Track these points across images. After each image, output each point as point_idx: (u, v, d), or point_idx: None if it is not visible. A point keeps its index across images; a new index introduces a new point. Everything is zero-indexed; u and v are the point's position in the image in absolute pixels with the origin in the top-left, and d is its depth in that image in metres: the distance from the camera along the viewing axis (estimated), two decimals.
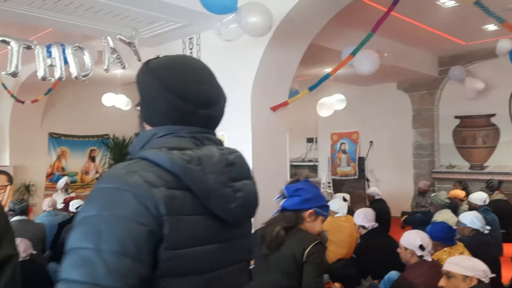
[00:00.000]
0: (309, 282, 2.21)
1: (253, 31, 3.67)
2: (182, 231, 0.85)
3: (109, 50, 4.13)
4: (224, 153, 0.99)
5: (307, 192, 2.32)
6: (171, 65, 1.03)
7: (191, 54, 5.13)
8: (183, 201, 0.86)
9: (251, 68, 4.51)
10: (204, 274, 0.90)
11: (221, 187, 0.92)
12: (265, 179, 4.61)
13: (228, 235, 0.97)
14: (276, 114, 4.81)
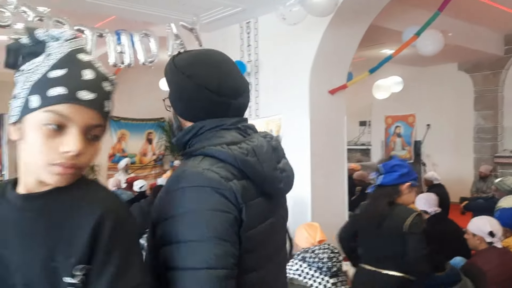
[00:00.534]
0: (412, 254, 2.40)
1: (318, 11, 3.64)
2: (252, 215, 0.99)
3: (173, 37, 4.27)
4: (268, 140, 1.09)
5: (402, 168, 2.55)
6: (198, 62, 1.08)
7: (248, 38, 5.19)
8: (248, 189, 0.99)
9: (310, 50, 4.49)
10: (265, 247, 1.05)
11: (272, 171, 1.05)
12: (323, 163, 4.66)
13: (274, 208, 1.12)
14: (334, 97, 4.78)
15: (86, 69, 0.81)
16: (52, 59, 0.79)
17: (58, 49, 0.80)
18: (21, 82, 0.81)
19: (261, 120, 5.05)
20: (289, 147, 4.89)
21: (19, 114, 0.80)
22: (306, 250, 2.92)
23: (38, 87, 0.78)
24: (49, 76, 0.78)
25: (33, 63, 0.80)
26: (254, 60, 5.12)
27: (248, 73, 5.15)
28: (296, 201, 4.62)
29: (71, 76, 0.79)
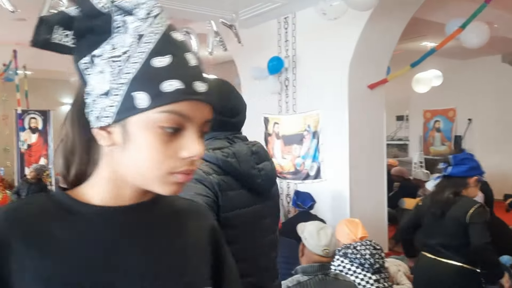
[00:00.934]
0: (476, 242, 2.47)
1: (359, 5, 3.60)
2: (229, 201, 1.29)
3: (213, 34, 4.34)
4: (249, 146, 1.40)
5: (472, 161, 2.64)
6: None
7: (286, 33, 5.19)
8: (228, 182, 1.30)
9: (349, 44, 4.45)
10: (246, 225, 1.33)
11: (250, 170, 1.35)
12: (361, 159, 4.62)
13: (259, 199, 1.40)
14: (374, 92, 4.72)
15: (187, 52, 0.64)
16: (149, 42, 0.61)
17: (150, 28, 0.62)
18: (107, 74, 0.61)
19: (299, 116, 5.06)
20: (327, 142, 4.89)
21: (117, 116, 0.62)
22: (348, 246, 2.92)
23: (142, 80, 0.60)
24: (154, 65, 0.60)
25: (119, 46, 0.61)
26: (291, 56, 5.12)
27: (286, 69, 5.16)
28: (335, 197, 4.62)
29: (179, 64, 0.62)
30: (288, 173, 5.21)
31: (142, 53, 0.61)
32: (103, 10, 0.61)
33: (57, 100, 10.70)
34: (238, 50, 5.34)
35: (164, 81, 0.60)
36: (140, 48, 0.61)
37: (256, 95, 5.74)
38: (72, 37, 0.64)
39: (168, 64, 0.61)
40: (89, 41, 0.63)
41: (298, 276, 2.12)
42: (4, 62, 7.84)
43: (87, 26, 0.62)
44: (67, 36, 0.64)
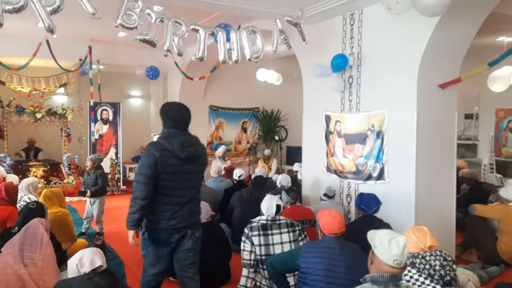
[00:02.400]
0: None
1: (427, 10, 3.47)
2: (165, 163, 2.81)
3: (278, 32, 4.34)
4: (182, 137, 2.86)
5: None
6: (168, 107, 3.04)
7: (352, 30, 5.07)
8: (166, 153, 2.81)
9: (419, 42, 4.26)
10: (175, 174, 2.87)
11: (179, 149, 2.83)
12: (429, 161, 4.44)
13: (186, 163, 2.89)
14: (445, 91, 4.50)
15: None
16: None
17: None
18: None
19: (362, 115, 4.94)
20: (392, 143, 4.75)
21: None
22: (416, 256, 2.82)
23: None
24: None
25: None
26: (357, 53, 5.00)
27: (350, 66, 5.05)
28: (399, 200, 4.47)
29: None
30: (349, 173, 5.12)
31: None
32: None
33: (126, 93, 11.29)
34: (301, 46, 5.30)
35: None
36: None
37: (318, 92, 5.69)
38: None
39: None
40: None
41: (367, 285, 2.08)
42: (80, 57, 8.39)
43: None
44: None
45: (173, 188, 2.88)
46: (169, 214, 2.90)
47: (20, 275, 2.99)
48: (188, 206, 2.96)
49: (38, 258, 3.12)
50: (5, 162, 7.65)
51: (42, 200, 4.41)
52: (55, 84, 8.91)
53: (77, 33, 7.78)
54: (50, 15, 3.22)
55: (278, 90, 9.22)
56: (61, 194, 4.68)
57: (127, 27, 3.54)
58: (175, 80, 9.61)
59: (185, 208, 2.94)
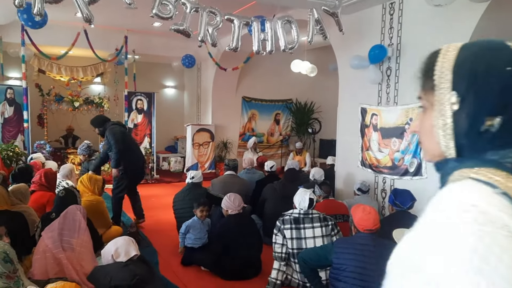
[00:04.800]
0: None
1: None
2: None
3: (314, 22, 4.24)
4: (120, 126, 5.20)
5: None
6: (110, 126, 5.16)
7: (391, 20, 4.89)
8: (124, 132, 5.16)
9: (464, 33, 4.05)
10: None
11: (131, 143, 5.31)
12: None
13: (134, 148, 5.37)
14: None
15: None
16: None
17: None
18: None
19: (399, 108, 4.78)
20: None
21: None
22: None
23: None
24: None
25: None
26: (396, 44, 4.82)
27: (389, 58, 4.88)
28: None
29: None
30: (384, 168, 4.98)
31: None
32: None
33: (160, 83, 11.44)
34: (337, 36, 5.17)
35: None
36: None
37: (354, 84, 5.54)
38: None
39: None
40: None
41: None
42: (116, 47, 8.55)
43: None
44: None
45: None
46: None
47: (59, 258, 3.09)
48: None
49: (76, 243, 3.21)
50: (44, 148, 7.93)
51: (79, 184, 4.52)
52: (92, 73, 9.12)
53: (114, 23, 7.92)
54: (88, 6, 3.26)
55: (312, 81, 9.09)
56: (100, 180, 4.72)
57: (162, 17, 3.55)
58: (209, 70, 9.65)
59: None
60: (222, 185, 5.26)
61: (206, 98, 9.98)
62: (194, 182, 4.88)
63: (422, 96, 0.77)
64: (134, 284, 2.54)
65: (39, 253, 3.12)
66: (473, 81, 0.68)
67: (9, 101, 7.88)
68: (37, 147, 7.88)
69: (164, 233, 5.05)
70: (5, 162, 6.38)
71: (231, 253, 3.88)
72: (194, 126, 9.31)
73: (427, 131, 0.75)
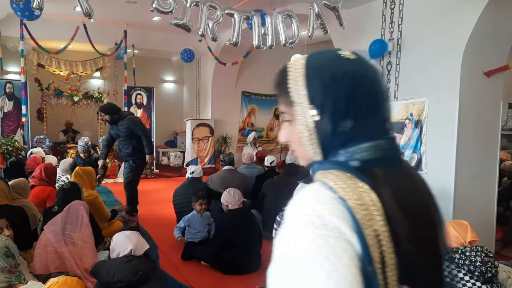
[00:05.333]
0: None
1: None
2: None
3: (314, 16, 4.22)
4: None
5: None
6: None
7: (392, 14, 4.87)
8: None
9: (465, 28, 4.04)
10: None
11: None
12: (471, 152, 4.25)
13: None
14: (490, 80, 4.26)
15: None
16: None
17: None
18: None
19: (400, 103, 4.77)
20: (431, 133, 4.57)
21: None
22: (455, 250, 2.71)
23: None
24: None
25: None
26: (396, 38, 4.80)
27: (389, 52, 4.87)
28: (437, 192, 4.25)
29: None
30: None
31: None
32: None
33: (159, 78, 11.41)
34: (338, 31, 5.15)
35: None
36: None
37: None
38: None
39: None
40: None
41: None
42: (116, 41, 8.51)
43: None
44: None
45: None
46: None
47: (61, 252, 3.09)
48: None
49: (78, 237, 3.22)
50: (44, 143, 7.92)
51: (73, 178, 4.49)
52: (92, 68, 9.10)
53: (113, 17, 7.89)
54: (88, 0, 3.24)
55: None
56: (93, 173, 4.69)
57: (162, 12, 3.53)
58: (208, 65, 9.62)
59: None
60: (221, 180, 5.26)
61: (205, 93, 9.96)
62: (194, 177, 4.88)
63: (285, 110, 0.83)
64: (137, 279, 2.55)
65: (41, 247, 3.13)
66: (325, 93, 0.76)
67: (8, 96, 7.86)
68: (36, 141, 7.87)
69: (164, 228, 5.06)
70: (5, 157, 6.38)
71: (231, 247, 3.89)
72: (193, 120, 9.30)
73: (296, 141, 0.82)
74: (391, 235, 0.69)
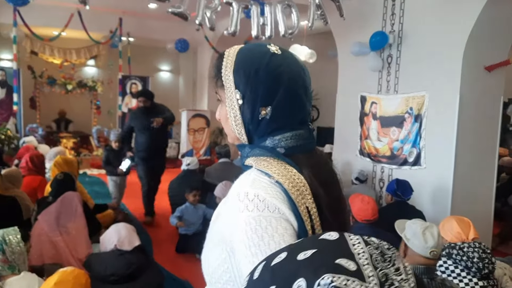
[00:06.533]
0: None
1: None
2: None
3: (314, 6, 4.13)
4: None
5: None
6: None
7: (393, 6, 4.79)
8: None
9: (466, 21, 3.97)
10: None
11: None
12: (470, 148, 4.21)
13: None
14: (491, 74, 4.21)
15: None
16: None
17: None
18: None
19: (400, 97, 4.71)
20: (431, 128, 4.53)
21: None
22: (453, 246, 2.68)
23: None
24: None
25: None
26: (398, 31, 4.72)
27: (390, 45, 4.80)
28: (435, 186, 4.29)
29: None
30: (383, 157, 4.94)
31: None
32: None
33: (155, 67, 11.25)
34: (338, 22, 5.06)
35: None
36: None
37: (354, 72, 5.45)
38: None
39: None
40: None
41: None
42: (111, 29, 8.36)
43: None
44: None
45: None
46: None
47: (55, 242, 3.04)
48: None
49: (72, 227, 3.17)
50: (37, 132, 7.81)
51: (53, 167, 4.34)
52: (86, 56, 8.95)
53: (109, 5, 7.73)
54: None
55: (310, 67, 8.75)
56: (74, 164, 4.49)
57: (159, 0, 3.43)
58: (205, 54, 9.50)
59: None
60: (217, 173, 5.19)
61: (202, 83, 9.84)
62: (190, 169, 4.81)
63: (217, 92, 0.93)
64: (130, 272, 2.49)
65: (35, 237, 3.07)
66: (247, 80, 0.86)
67: (1, 83, 7.72)
68: (29, 130, 7.75)
69: (158, 220, 5.00)
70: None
71: None
72: (189, 111, 9.19)
73: (225, 120, 0.92)
74: (317, 209, 0.80)
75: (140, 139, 4.96)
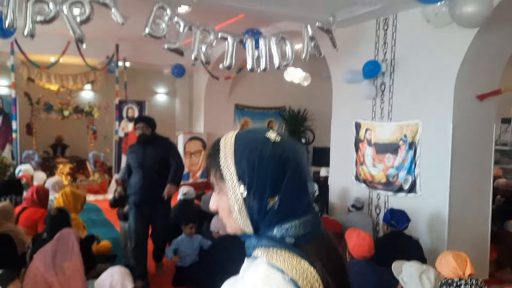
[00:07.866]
0: None
1: (466, 22, 3.28)
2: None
3: (308, 39, 4.20)
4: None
5: None
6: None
7: (385, 35, 4.88)
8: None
9: (458, 50, 4.05)
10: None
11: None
12: (465, 175, 4.25)
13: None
14: (483, 103, 4.28)
15: None
16: None
17: None
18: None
19: (394, 124, 4.77)
20: (425, 155, 4.56)
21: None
22: (450, 283, 2.70)
23: None
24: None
25: None
26: (390, 59, 4.81)
27: (383, 73, 4.87)
28: (431, 214, 4.31)
29: None
30: (379, 184, 4.96)
31: None
32: None
33: (151, 90, 11.30)
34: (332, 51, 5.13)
35: None
36: None
37: (348, 98, 5.52)
38: None
39: None
40: None
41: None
42: (107, 55, 8.43)
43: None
44: None
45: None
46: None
47: (50, 283, 3.01)
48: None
49: (68, 266, 3.14)
50: (33, 159, 7.79)
51: (59, 197, 4.36)
52: (83, 81, 9.00)
53: (105, 32, 7.81)
54: (80, 25, 3.18)
55: (305, 89, 9.04)
56: (81, 199, 4.47)
57: (155, 36, 3.48)
58: (201, 77, 9.58)
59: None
60: None
61: (198, 106, 9.90)
62: (186, 199, 4.81)
63: (217, 183, 0.89)
64: None
65: (30, 277, 3.04)
66: (252, 172, 0.82)
67: None
68: (25, 157, 7.73)
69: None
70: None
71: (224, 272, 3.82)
72: (185, 135, 9.22)
73: (226, 211, 0.88)
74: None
75: (134, 178, 4.01)
